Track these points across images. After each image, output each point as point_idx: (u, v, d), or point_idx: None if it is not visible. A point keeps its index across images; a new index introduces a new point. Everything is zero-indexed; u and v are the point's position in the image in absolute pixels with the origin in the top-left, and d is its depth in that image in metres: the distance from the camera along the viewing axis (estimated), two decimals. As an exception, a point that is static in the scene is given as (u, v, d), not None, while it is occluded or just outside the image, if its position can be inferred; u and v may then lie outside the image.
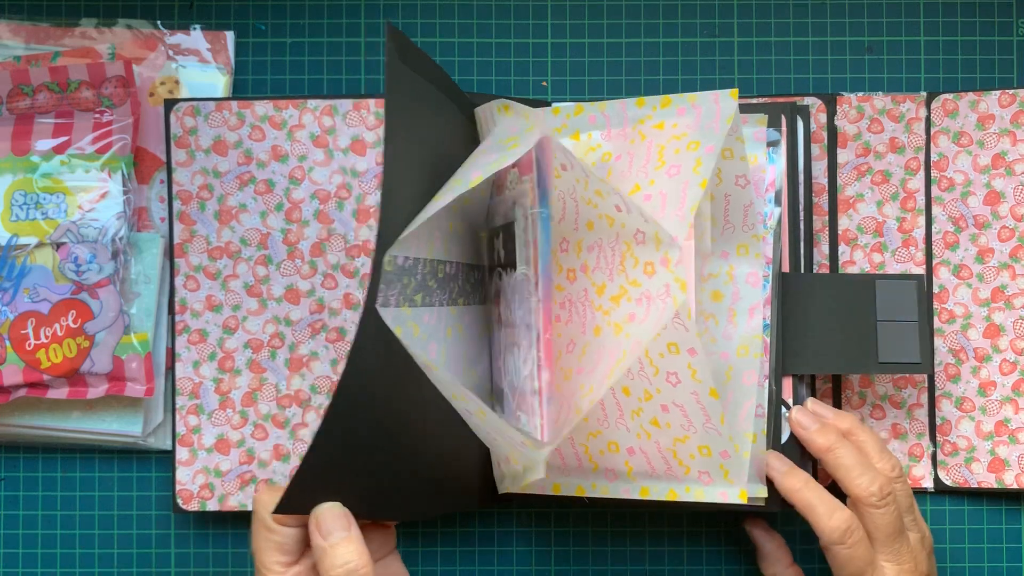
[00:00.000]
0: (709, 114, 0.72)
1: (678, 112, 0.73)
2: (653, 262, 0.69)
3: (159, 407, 0.83)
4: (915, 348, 0.79)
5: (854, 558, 0.73)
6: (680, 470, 0.73)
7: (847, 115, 0.83)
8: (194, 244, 0.81)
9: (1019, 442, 0.81)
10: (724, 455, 0.72)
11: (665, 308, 0.68)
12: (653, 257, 0.69)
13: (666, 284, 0.68)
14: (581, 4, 0.86)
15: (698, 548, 0.85)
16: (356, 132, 0.82)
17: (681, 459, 0.73)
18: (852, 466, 0.75)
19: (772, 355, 0.77)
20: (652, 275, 0.69)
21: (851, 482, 0.74)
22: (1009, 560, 0.84)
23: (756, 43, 0.86)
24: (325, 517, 0.65)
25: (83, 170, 0.80)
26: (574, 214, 0.73)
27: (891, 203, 0.84)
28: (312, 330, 0.82)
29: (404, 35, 0.70)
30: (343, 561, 0.64)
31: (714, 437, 0.71)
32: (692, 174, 0.70)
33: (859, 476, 0.74)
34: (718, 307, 0.76)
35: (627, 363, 0.68)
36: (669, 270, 0.68)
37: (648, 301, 0.69)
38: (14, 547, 0.84)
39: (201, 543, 0.84)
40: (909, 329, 0.79)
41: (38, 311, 0.79)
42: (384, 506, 0.68)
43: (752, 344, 0.75)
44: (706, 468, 0.73)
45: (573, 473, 0.77)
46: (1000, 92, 0.82)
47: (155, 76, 0.84)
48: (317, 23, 0.85)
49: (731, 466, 0.73)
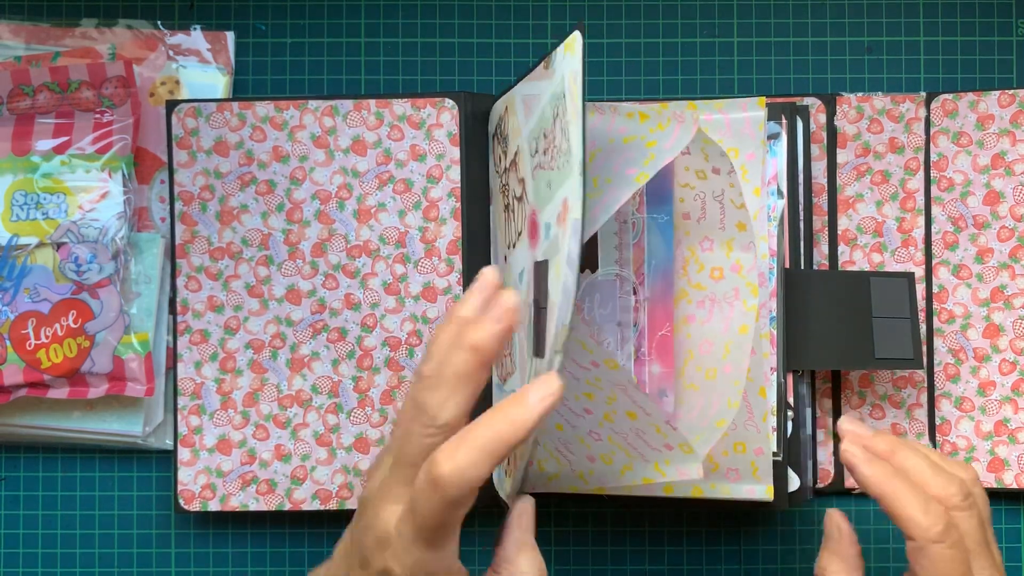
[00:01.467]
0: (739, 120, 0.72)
1: (705, 119, 0.74)
2: (722, 267, 0.71)
3: (159, 407, 0.83)
4: (908, 344, 0.80)
5: (955, 560, 0.62)
6: (709, 466, 0.73)
7: (847, 115, 0.84)
8: (196, 245, 0.81)
9: (1019, 442, 0.82)
10: (758, 452, 0.72)
11: (733, 311, 0.69)
12: (723, 263, 0.71)
13: (735, 288, 0.69)
14: (581, 4, 0.86)
15: (698, 548, 0.85)
16: (357, 132, 0.82)
17: (713, 455, 0.73)
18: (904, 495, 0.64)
19: (779, 350, 0.78)
20: (720, 279, 0.71)
21: (902, 514, 0.63)
22: (1009, 560, 0.84)
23: (756, 43, 0.86)
24: (528, 512, 0.61)
25: (83, 170, 0.80)
26: (719, 214, 0.74)
27: (891, 203, 0.84)
28: (313, 330, 0.82)
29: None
30: (528, 567, 0.60)
31: (752, 434, 0.71)
32: (742, 182, 0.71)
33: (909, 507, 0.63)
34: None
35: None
36: (741, 275, 0.70)
37: (712, 303, 0.71)
38: (14, 547, 0.84)
39: (202, 543, 0.84)
40: (902, 325, 0.80)
41: (38, 311, 0.79)
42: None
43: (763, 340, 0.76)
44: (736, 465, 0.73)
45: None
46: (1000, 92, 0.82)
47: (155, 76, 0.84)
48: (317, 23, 0.85)
49: (761, 463, 0.73)
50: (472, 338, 0.57)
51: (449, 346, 0.57)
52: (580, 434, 0.73)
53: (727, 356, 0.71)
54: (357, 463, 0.81)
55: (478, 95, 0.82)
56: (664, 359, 0.73)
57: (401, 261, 0.82)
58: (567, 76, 0.65)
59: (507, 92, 0.78)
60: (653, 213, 0.74)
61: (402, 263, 0.82)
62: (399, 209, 0.82)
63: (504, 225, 0.79)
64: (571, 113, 0.64)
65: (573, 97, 0.64)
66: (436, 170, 0.82)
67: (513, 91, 0.76)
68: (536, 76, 0.72)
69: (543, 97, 0.70)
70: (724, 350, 0.71)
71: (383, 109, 0.82)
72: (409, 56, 0.86)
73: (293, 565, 0.84)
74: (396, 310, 0.82)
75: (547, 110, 0.69)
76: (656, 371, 0.73)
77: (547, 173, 0.68)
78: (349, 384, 0.82)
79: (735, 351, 0.70)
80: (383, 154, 0.82)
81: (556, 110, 0.67)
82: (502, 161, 0.79)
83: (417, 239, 0.82)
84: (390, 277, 0.82)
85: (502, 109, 0.79)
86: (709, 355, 0.72)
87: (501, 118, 0.79)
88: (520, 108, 0.74)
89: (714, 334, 0.72)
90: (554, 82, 0.68)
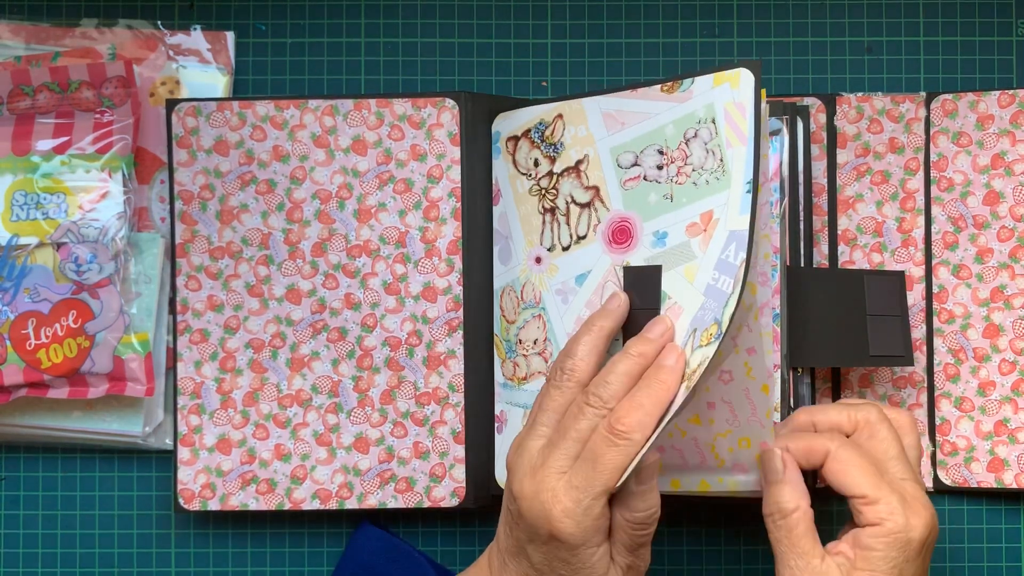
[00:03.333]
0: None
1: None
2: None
3: (159, 407, 0.83)
4: (900, 341, 0.81)
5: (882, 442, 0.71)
6: (715, 462, 0.74)
7: (847, 115, 0.84)
8: (196, 244, 0.81)
9: (1018, 442, 0.82)
10: (764, 446, 0.72)
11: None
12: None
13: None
14: (581, 4, 0.86)
15: (698, 548, 0.85)
16: (357, 132, 0.82)
17: (718, 452, 0.73)
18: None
19: (783, 346, 0.78)
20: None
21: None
22: (1009, 560, 0.84)
23: (756, 43, 0.86)
24: (650, 467, 0.69)
25: (83, 170, 0.80)
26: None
27: (890, 203, 0.84)
28: (313, 330, 0.82)
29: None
30: (648, 505, 0.69)
31: (756, 429, 0.72)
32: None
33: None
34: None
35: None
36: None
37: None
38: (14, 547, 0.84)
39: (202, 543, 0.84)
40: (895, 323, 0.81)
41: (38, 311, 0.79)
42: None
43: (764, 338, 0.76)
44: (742, 460, 0.73)
45: None
46: (1000, 92, 0.82)
47: (155, 76, 0.84)
48: (317, 23, 0.85)
49: None
50: (640, 348, 0.70)
51: (594, 349, 0.71)
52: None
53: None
54: (357, 463, 0.81)
55: (478, 95, 0.82)
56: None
57: (401, 261, 0.82)
58: (718, 103, 0.71)
59: (558, 101, 0.79)
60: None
61: (402, 263, 0.82)
62: (399, 209, 0.82)
63: (543, 227, 0.79)
64: (729, 137, 0.71)
65: (734, 123, 0.71)
66: (436, 170, 0.82)
67: (578, 101, 0.78)
68: (640, 95, 0.75)
69: (659, 116, 0.74)
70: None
71: (383, 109, 0.82)
72: (409, 56, 0.86)
73: (293, 565, 0.84)
74: (396, 310, 0.82)
75: (669, 129, 0.74)
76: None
77: (663, 187, 0.74)
78: (349, 384, 0.82)
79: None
80: (383, 154, 0.82)
81: (695, 132, 0.73)
82: (542, 165, 0.79)
83: (417, 239, 0.82)
84: (390, 277, 0.82)
85: (547, 115, 0.79)
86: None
87: (545, 123, 0.79)
88: (596, 119, 0.77)
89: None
90: (689, 106, 0.73)
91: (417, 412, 0.81)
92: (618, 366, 0.69)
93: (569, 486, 0.67)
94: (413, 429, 0.81)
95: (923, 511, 0.68)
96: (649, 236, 0.75)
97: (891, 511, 0.67)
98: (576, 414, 0.69)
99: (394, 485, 0.81)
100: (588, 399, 0.69)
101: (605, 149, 0.77)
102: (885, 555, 0.67)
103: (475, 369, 0.82)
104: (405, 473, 0.81)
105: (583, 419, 0.68)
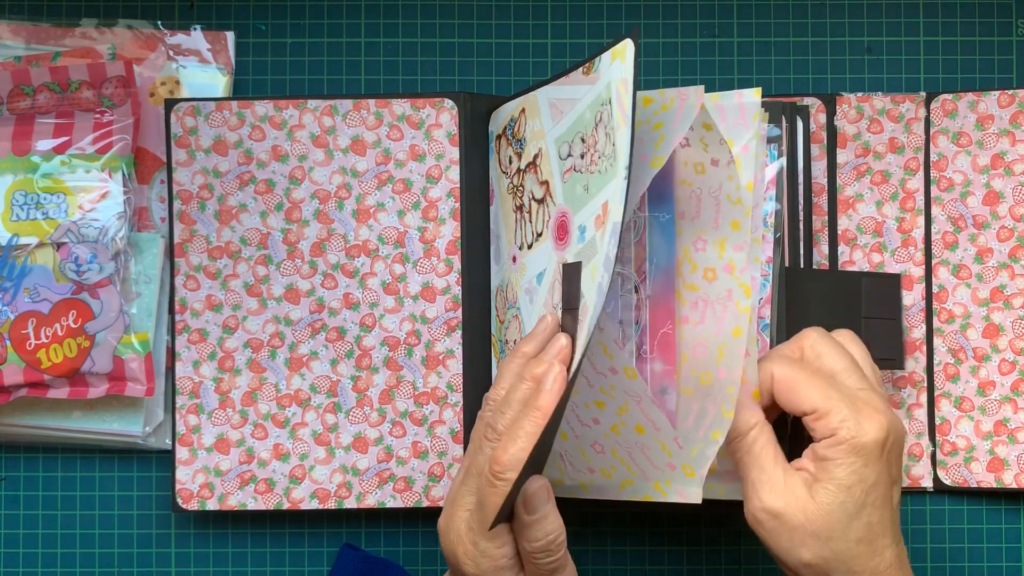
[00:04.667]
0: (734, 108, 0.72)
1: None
2: (715, 268, 0.71)
3: (159, 407, 0.83)
4: (894, 345, 0.81)
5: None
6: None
7: (847, 115, 0.83)
8: (194, 244, 0.82)
9: (1018, 442, 0.81)
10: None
11: (727, 313, 0.70)
12: (716, 263, 0.71)
13: (728, 288, 0.70)
14: (581, 4, 0.86)
15: (698, 548, 0.85)
16: (356, 132, 0.82)
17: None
18: None
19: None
20: (713, 280, 0.70)
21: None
22: (1009, 560, 0.84)
23: (756, 43, 0.86)
24: (536, 495, 0.67)
25: (83, 170, 0.81)
26: (714, 212, 0.72)
27: (890, 203, 0.84)
28: (312, 330, 0.82)
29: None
30: (545, 533, 0.66)
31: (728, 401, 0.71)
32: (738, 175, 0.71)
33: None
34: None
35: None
36: (733, 276, 0.70)
37: (705, 305, 0.71)
38: (14, 547, 0.84)
39: (201, 543, 0.84)
40: (890, 326, 0.81)
41: (38, 311, 0.80)
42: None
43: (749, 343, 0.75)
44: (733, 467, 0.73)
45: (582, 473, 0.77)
46: (999, 92, 0.82)
47: (155, 76, 0.84)
48: (317, 23, 0.86)
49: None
50: (534, 371, 0.68)
51: (514, 376, 0.69)
52: (583, 445, 0.73)
53: (721, 360, 0.70)
54: (355, 462, 0.81)
55: (478, 95, 0.83)
56: (666, 356, 0.73)
57: (400, 261, 0.82)
58: (615, 82, 0.66)
59: (523, 94, 0.78)
60: (655, 212, 0.74)
61: (401, 263, 0.82)
62: (398, 209, 0.82)
63: (515, 226, 0.79)
64: (618, 119, 0.65)
65: (622, 103, 0.65)
66: (435, 170, 0.82)
67: (533, 93, 0.76)
68: (571, 80, 0.72)
69: (582, 102, 0.71)
70: (718, 354, 0.70)
71: (383, 109, 0.82)
72: (409, 56, 0.86)
73: (293, 565, 0.84)
74: (395, 310, 0.82)
75: (587, 115, 0.70)
76: (658, 368, 0.73)
77: (584, 176, 0.70)
78: (348, 383, 0.82)
79: (728, 355, 0.70)
80: (382, 154, 0.82)
81: (600, 115, 0.68)
82: (514, 162, 0.79)
83: (416, 239, 0.82)
84: (389, 277, 0.82)
85: (515, 111, 0.78)
86: (704, 358, 0.71)
87: (514, 119, 0.79)
88: (545, 111, 0.74)
89: (708, 336, 0.71)
90: (598, 87, 0.69)
91: (416, 412, 0.81)
92: (514, 394, 0.68)
93: (468, 528, 0.68)
94: (412, 429, 0.82)
95: (876, 415, 0.68)
96: (576, 231, 0.71)
97: (842, 419, 0.67)
98: (477, 449, 0.69)
99: (393, 485, 0.81)
100: (487, 432, 0.68)
101: (551, 141, 0.74)
102: (843, 462, 0.67)
103: (474, 369, 0.82)
104: (404, 473, 0.82)
105: (480, 454, 0.68)
